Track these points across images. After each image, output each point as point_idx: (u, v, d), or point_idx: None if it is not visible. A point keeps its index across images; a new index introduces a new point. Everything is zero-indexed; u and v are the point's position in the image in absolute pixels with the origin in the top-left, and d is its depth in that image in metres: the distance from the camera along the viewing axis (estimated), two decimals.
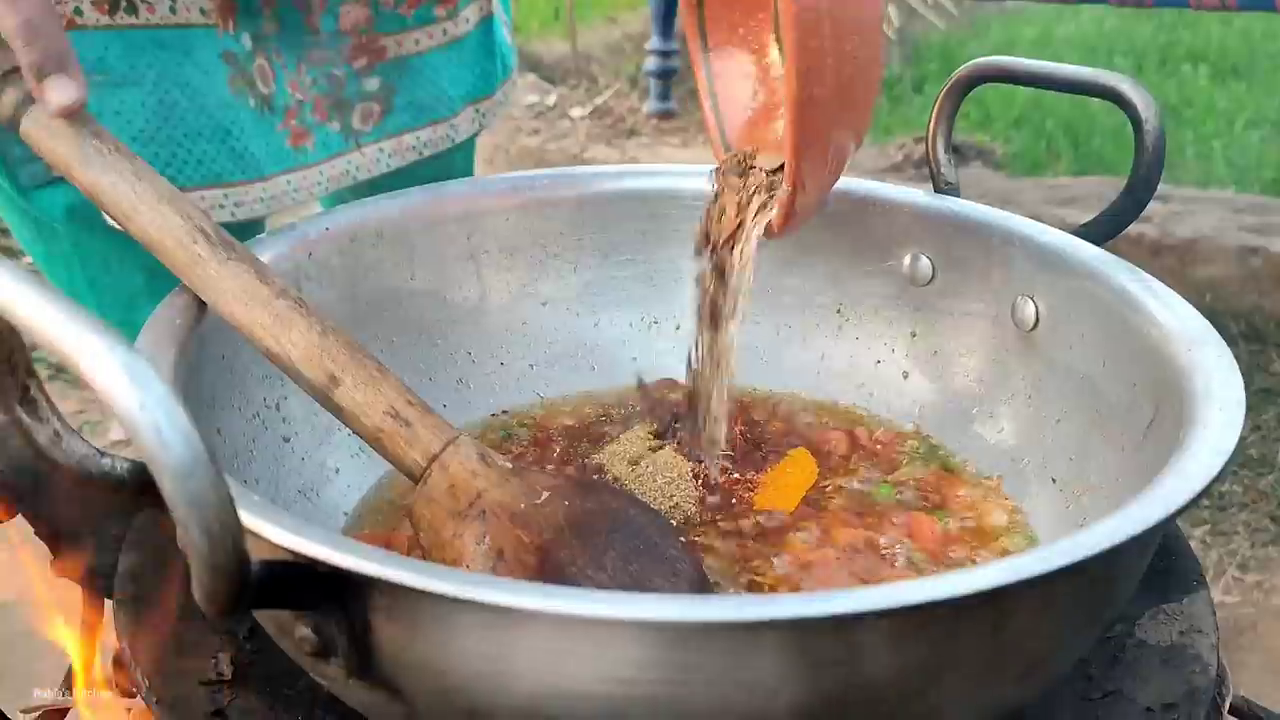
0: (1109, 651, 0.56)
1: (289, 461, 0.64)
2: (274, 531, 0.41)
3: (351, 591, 0.41)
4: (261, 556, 0.38)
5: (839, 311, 0.76)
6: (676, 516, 0.63)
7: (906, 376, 0.74)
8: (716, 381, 0.66)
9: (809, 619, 0.38)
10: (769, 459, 0.68)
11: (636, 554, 0.55)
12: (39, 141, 0.57)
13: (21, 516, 0.57)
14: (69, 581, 0.60)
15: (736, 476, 0.67)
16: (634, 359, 0.77)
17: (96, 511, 0.59)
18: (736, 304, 0.65)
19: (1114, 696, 0.54)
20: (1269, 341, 2.38)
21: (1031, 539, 0.63)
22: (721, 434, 0.67)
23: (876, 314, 0.75)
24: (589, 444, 0.70)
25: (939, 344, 0.73)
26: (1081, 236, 0.67)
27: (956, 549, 0.62)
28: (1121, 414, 0.60)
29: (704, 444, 0.67)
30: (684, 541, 0.60)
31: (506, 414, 0.74)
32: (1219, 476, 0.45)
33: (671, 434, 0.69)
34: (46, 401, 0.41)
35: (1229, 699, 0.60)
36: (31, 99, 0.56)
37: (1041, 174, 3.24)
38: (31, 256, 0.87)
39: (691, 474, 0.66)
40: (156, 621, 0.55)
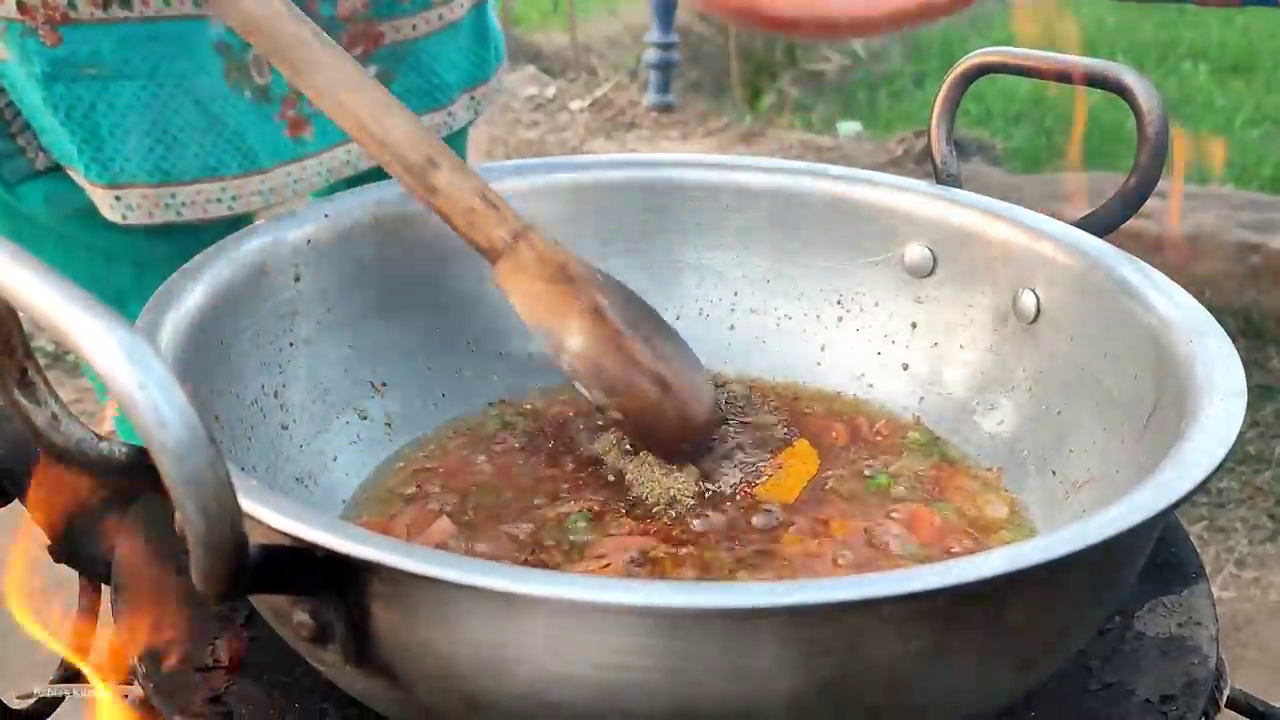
0: (1108, 643, 0.56)
1: (287, 449, 0.64)
2: (272, 515, 0.40)
3: (349, 576, 0.41)
4: (259, 541, 0.38)
5: (839, 303, 0.76)
6: (676, 509, 0.63)
7: (906, 368, 0.74)
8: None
9: (807, 606, 0.38)
10: (769, 450, 0.68)
11: (660, 325, 0.67)
12: None
13: (18, 501, 0.58)
14: (65, 567, 0.60)
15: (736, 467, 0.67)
16: None
17: (94, 496, 0.59)
18: None
19: (1113, 688, 0.54)
20: (1267, 338, 2.38)
21: (1031, 530, 0.63)
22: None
23: (877, 306, 0.75)
24: (587, 433, 0.70)
25: (939, 335, 0.73)
26: (1083, 228, 0.67)
27: (955, 540, 0.61)
28: (1122, 405, 0.60)
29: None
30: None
31: (505, 403, 0.74)
32: (1220, 467, 0.45)
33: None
34: (45, 384, 0.41)
35: (1226, 692, 0.60)
36: None
37: (1041, 170, 3.24)
38: None
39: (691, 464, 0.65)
40: (153, 608, 0.55)
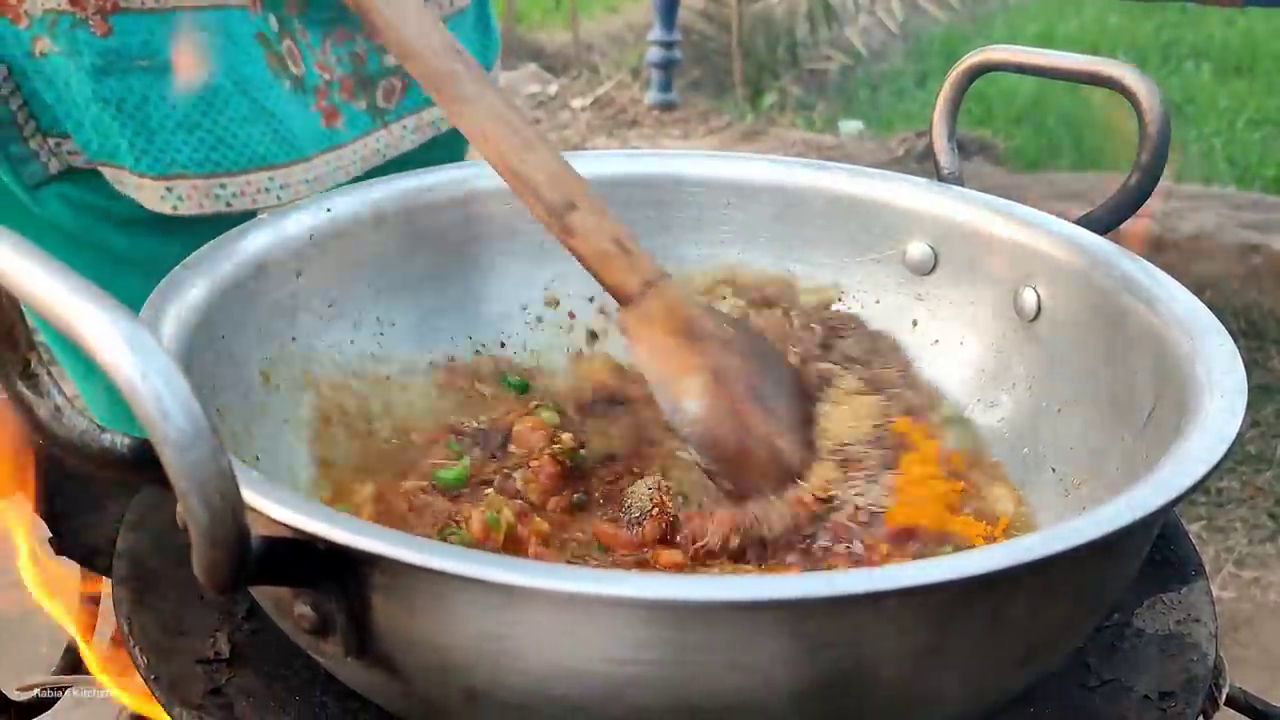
0: (1107, 640, 0.56)
1: (288, 443, 0.64)
2: (274, 507, 0.40)
3: (350, 568, 0.41)
4: (260, 533, 0.38)
5: (840, 300, 0.76)
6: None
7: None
8: None
9: (808, 600, 0.38)
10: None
11: (791, 383, 0.65)
12: None
13: (20, 493, 0.58)
14: (67, 560, 0.60)
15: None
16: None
17: (96, 489, 0.59)
18: None
19: (1112, 685, 0.54)
20: (1268, 338, 2.38)
21: (1031, 527, 0.63)
22: None
23: (878, 303, 0.75)
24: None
25: (940, 333, 0.73)
26: (1084, 226, 0.67)
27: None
28: (1122, 403, 0.60)
29: None
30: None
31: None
32: (1220, 463, 0.45)
33: None
34: (48, 376, 0.41)
35: (1225, 690, 0.60)
36: None
37: (1043, 169, 3.24)
38: None
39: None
40: (154, 600, 0.55)
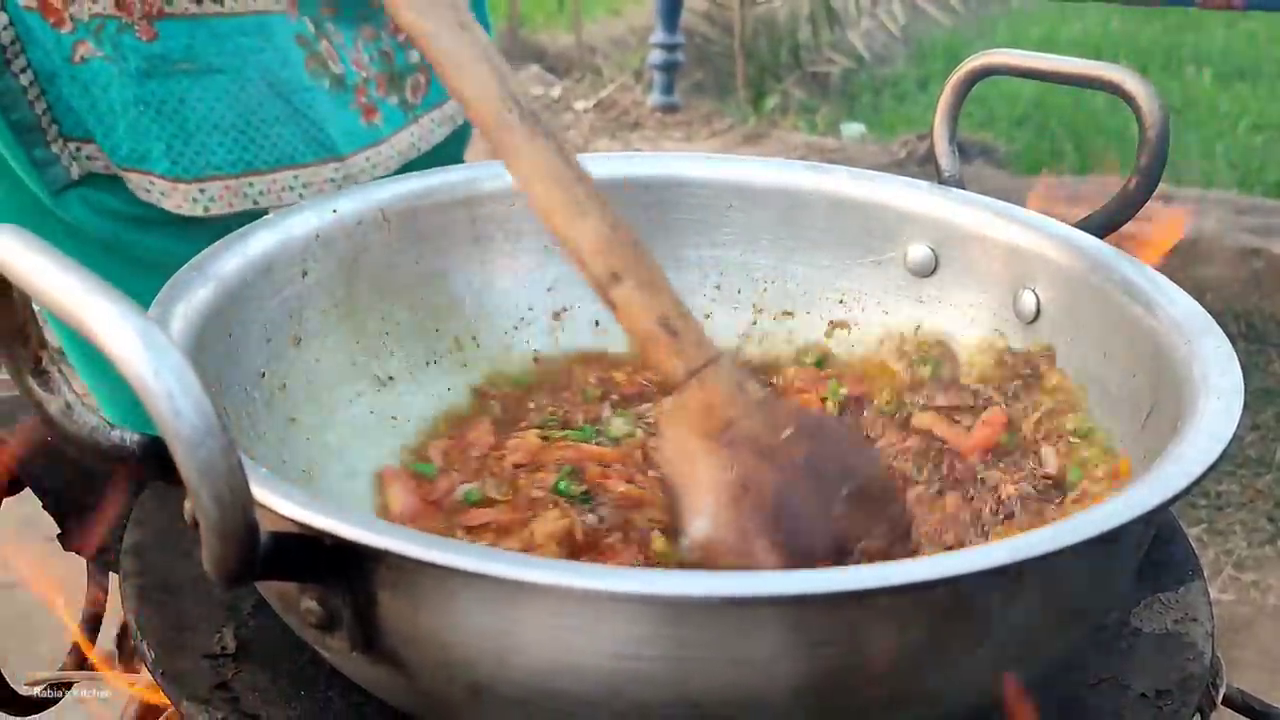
0: (1104, 638, 0.56)
1: (293, 441, 0.64)
2: (282, 503, 0.41)
3: (357, 564, 0.41)
4: (268, 529, 0.39)
5: (841, 302, 0.77)
6: None
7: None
8: None
9: (807, 596, 0.39)
10: None
11: (859, 506, 0.55)
12: None
13: (30, 490, 0.58)
14: (75, 556, 0.61)
15: None
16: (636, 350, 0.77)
17: (104, 485, 0.59)
18: None
19: (1109, 683, 0.54)
20: (1269, 342, 2.39)
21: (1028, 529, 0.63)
22: None
23: (879, 306, 0.76)
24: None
25: (941, 335, 0.73)
26: (1083, 229, 0.68)
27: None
28: (1121, 404, 0.60)
29: None
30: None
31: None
32: (1216, 464, 0.45)
33: None
34: (59, 373, 0.42)
35: (1222, 689, 0.60)
36: None
37: (1044, 172, 3.24)
38: None
39: None
40: (162, 596, 0.55)
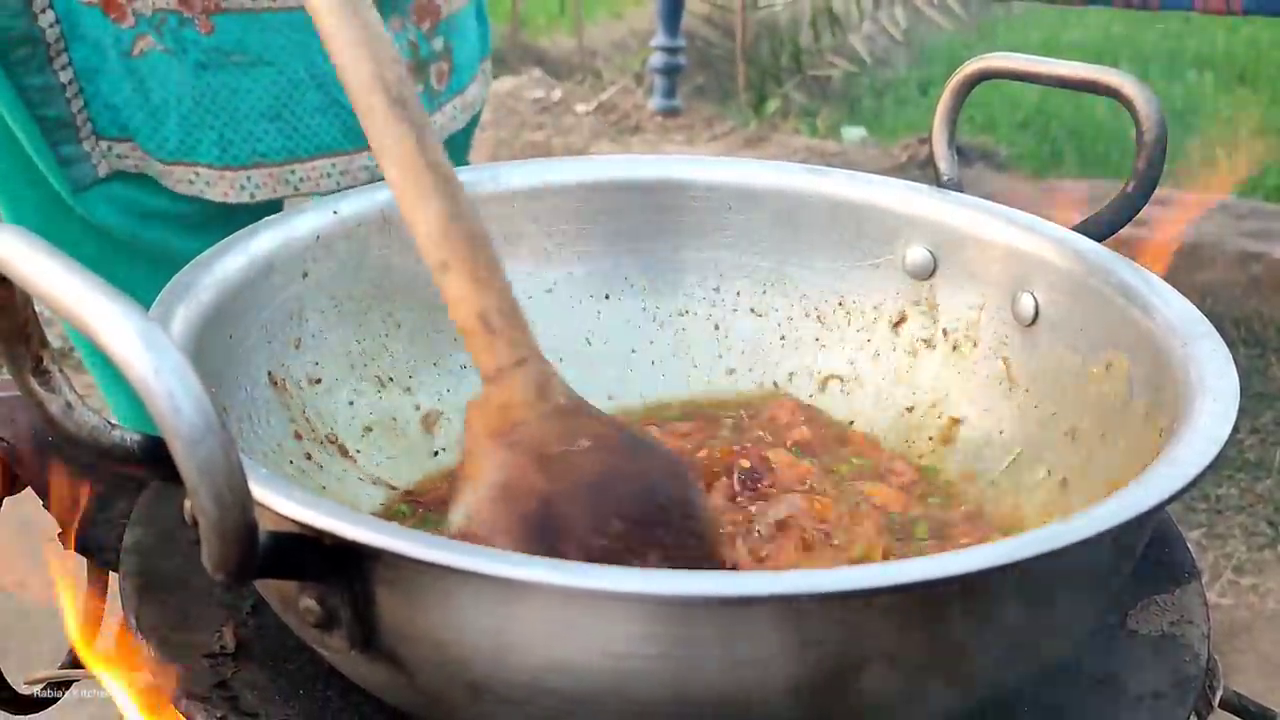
0: (1100, 640, 0.57)
1: (293, 442, 0.64)
2: (282, 502, 0.41)
3: (356, 563, 0.42)
4: (267, 527, 0.39)
5: (840, 304, 0.77)
6: None
7: (908, 370, 0.74)
8: None
9: (806, 595, 0.39)
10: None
11: (652, 530, 0.51)
12: None
13: (31, 489, 0.58)
14: (75, 554, 0.61)
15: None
16: (633, 351, 0.78)
17: (104, 484, 0.59)
18: None
19: (1104, 684, 0.54)
20: (1268, 346, 2.39)
21: (1025, 528, 0.63)
22: None
23: (877, 308, 0.76)
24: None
25: (938, 338, 0.74)
26: (1081, 232, 0.68)
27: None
28: (1118, 407, 0.60)
29: None
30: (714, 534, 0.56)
31: None
32: (1212, 465, 0.46)
33: None
34: (60, 373, 0.42)
35: (1219, 692, 0.60)
36: None
37: (1045, 176, 3.25)
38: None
39: None
40: (161, 595, 0.56)
